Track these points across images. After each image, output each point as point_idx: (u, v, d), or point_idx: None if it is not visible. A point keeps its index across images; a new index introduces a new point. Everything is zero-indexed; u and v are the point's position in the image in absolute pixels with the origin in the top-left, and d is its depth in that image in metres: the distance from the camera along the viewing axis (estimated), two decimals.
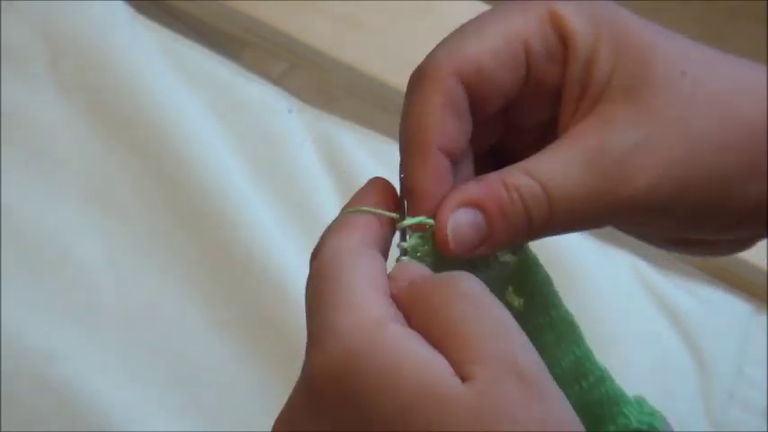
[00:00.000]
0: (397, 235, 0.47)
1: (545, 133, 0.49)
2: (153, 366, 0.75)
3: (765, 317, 0.86)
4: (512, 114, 0.49)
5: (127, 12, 0.87)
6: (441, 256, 0.46)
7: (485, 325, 0.41)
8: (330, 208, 0.83)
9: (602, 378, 0.51)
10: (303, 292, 0.75)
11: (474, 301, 0.41)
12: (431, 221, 0.46)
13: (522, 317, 0.46)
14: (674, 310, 0.84)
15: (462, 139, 0.47)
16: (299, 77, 1.00)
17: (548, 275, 0.51)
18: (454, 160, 0.46)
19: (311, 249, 0.79)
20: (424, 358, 0.40)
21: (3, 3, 0.83)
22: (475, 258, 0.47)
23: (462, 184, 0.46)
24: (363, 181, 0.83)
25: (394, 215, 0.47)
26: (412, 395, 0.38)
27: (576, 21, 0.47)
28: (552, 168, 0.46)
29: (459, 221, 0.45)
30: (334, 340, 0.40)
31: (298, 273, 0.78)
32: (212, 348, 0.76)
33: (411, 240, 0.46)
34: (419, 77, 0.47)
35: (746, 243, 0.52)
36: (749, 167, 0.46)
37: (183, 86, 0.85)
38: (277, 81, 0.96)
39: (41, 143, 0.80)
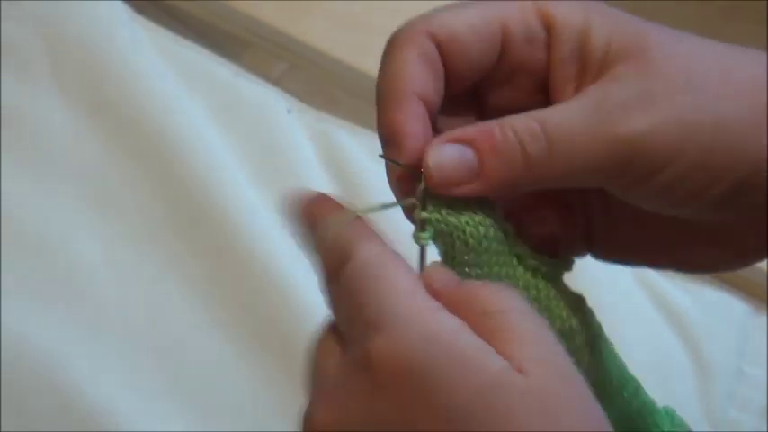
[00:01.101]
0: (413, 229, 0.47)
1: None
2: (153, 366, 0.75)
3: (764, 317, 0.86)
4: (490, 100, 0.49)
5: (127, 12, 0.87)
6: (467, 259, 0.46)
7: (537, 332, 0.42)
8: None
9: (638, 388, 0.51)
10: (303, 291, 0.76)
11: (521, 310, 0.43)
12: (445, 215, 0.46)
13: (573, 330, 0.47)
14: (674, 310, 0.85)
15: (436, 95, 0.46)
16: (298, 78, 1.00)
17: (599, 324, 0.52)
18: (430, 110, 0.46)
19: None
20: (488, 349, 0.40)
21: (3, 3, 0.83)
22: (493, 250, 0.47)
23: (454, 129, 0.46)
24: (363, 181, 0.84)
25: (410, 201, 0.46)
26: (483, 383, 0.39)
27: (562, 9, 0.47)
28: (552, 111, 0.45)
29: (444, 155, 0.45)
30: (402, 327, 0.41)
31: (296, 273, 0.78)
32: (212, 348, 0.76)
33: (427, 233, 0.46)
34: (394, 38, 0.47)
35: (747, 256, 0.51)
36: (755, 125, 0.45)
37: (183, 87, 0.85)
38: (277, 81, 0.96)
39: (41, 143, 0.80)
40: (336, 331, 0.45)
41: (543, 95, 0.48)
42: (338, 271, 0.45)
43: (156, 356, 0.75)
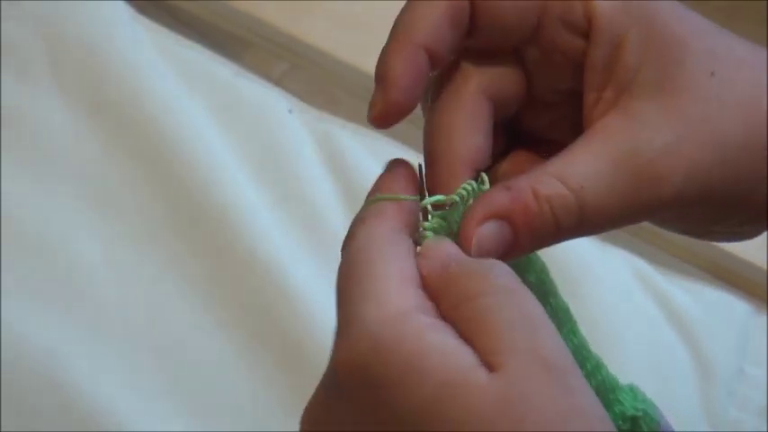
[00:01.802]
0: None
1: (565, 111, 0.49)
2: (153, 366, 0.75)
3: (765, 316, 0.86)
4: (530, 85, 0.49)
5: (128, 12, 0.87)
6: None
7: (515, 316, 0.40)
8: (331, 208, 0.83)
9: (599, 365, 0.51)
10: (303, 291, 0.76)
11: (506, 291, 0.41)
12: (456, 198, 0.46)
13: None
14: (674, 309, 0.84)
15: (449, 48, 0.46)
16: (299, 78, 1.00)
17: (544, 264, 0.51)
18: (436, 64, 0.46)
19: (312, 249, 0.80)
20: (450, 349, 0.39)
21: (3, 3, 0.83)
22: None
23: (491, 191, 0.46)
24: (364, 181, 0.83)
25: (415, 198, 0.46)
26: (437, 386, 0.38)
27: (606, 5, 0.47)
28: (584, 173, 0.45)
29: (484, 235, 0.45)
30: (359, 331, 0.40)
31: (297, 273, 0.78)
32: (212, 348, 0.76)
33: (431, 223, 0.46)
34: None
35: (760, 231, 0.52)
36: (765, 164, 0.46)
37: (184, 87, 0.85)
38: (278, 81, 0.96)
39: (41, 143, 0.80)
40: None
41: (580, 82, 0.48)
42: (342, 249, 0.44)
43: (156, 356, 0.75)
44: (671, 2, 0.48)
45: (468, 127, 0.46)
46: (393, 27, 0.46)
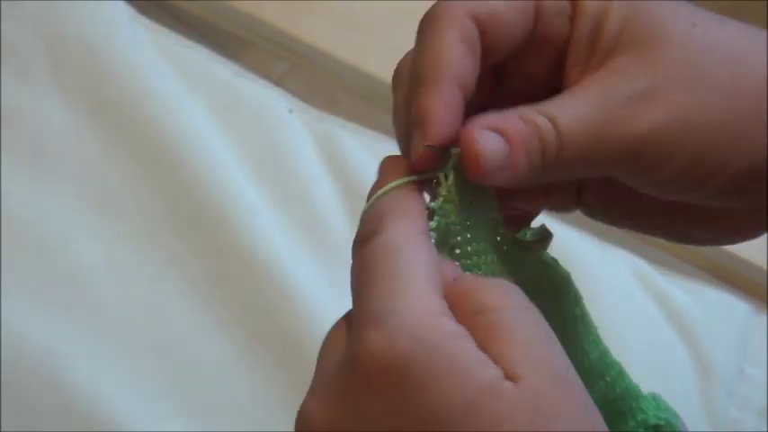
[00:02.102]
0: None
1: (538, 94, 0.49)
2: (153, 366, 0.75)
3: (765, 316, 0.86)
4: (509, 69, 0.49)
5: (128, 12, 0.87)
6: (465, 224, 0.46)
7: (531, 331, 0.41)
8: (331, 207, 0.83)
9: (622, 373, 0.51)
10: (303, 291, 0.76)
11: (521, 307, 0.42)
12: (440, 174, 0.46)
13: (551, 308, 0.46)
14: (674, 309, 0.85)
15: (473, 79, 0.46)
16: (299, 78, 1.00)
17: (569, 272, 0.51)
18: (466, 95, 0.46)
19: (312, 249, 0.80)
20: (480, 357, 0.40)
21: (3, 3, 0.83)
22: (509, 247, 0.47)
23: (479, 115, 0.46)
24: (364, 181, 0.83)
25: (424, 176, 0.46)
26: (475, 392, 0.39)
27: None
28: (562, 107, 0.46)
29: (488, 143, 0.45)
30: (398, 327, 0.40)
31: (297, 273, 0.78)
32: (212, 348, 0.76)
33: (435, 222, 0.46)
34: (433, 16, 0.47)
35: (745, 231, 0.51)
36: (758, 118, 0.46)
37: (184, 87, 0.85)
38: (278, 81, 0.96)
39: (41, 143, 0.80)
40: (347, 319, 0.45)
41: (561, 70, 0.49)
42: (365, 242, 0.44)
43: (156, 356, 0.75)
44: None
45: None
46: (420, 63, 0.46)
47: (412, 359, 0.39)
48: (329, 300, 0.76)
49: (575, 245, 0.85)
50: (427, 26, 0.47)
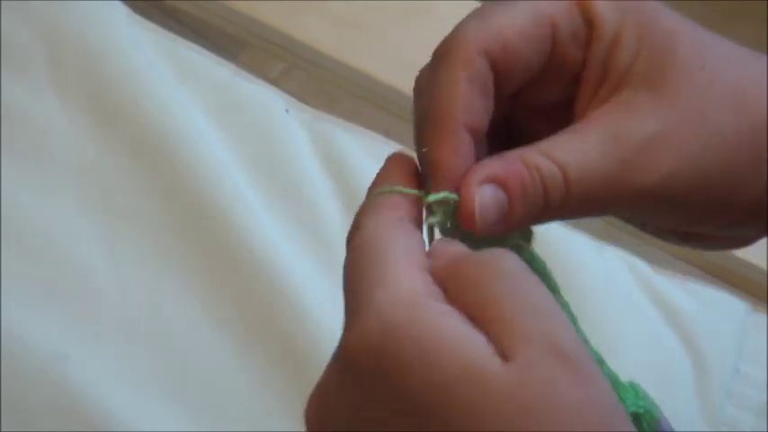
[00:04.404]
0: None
1: (556, 116, 0.49)
2: (153, 366, 0.74)
3: (763, 315, 0.86)
4: (525, 93, 0.49)
5: (125, 12, 0.87)
6: (462, 235, 0.46)
7: (526, 304, 0.40)
8: (328, 207, 0.83)
9: (600, 361, 0.51)
10: (301, 290, 0.76)
11: (515, 280, 0.41)
12: (455, 197, 0.46)
13: None
14: (671, 308, 0.85)
15: (485, 118, 0.47)
16: (297, 77, 1.00)
17: (545, 262, 0.51)
18: (476, 139, 0.46)
19: (310, 249, 0.80)
20: (464, 335, 0.39)
21: (3, 3, 0.83)
22: (492, 239, 0.47)
23: (483, 161, 0.46)
24: (361, 181, 0.84)
25: (421, 193, 0.46)
26: (451, 373, 0.38)
27: (603, 4, 0.47)
28: (570, 151, 0.45)
29: (485, 198, 0.45)
30: (370, 315, 0.40)
31: (296, 272, 0.78)
32: (213, 348, 0.76)
33: (436, 216, 0.46)
34: (446, 51, 0.47)
35: (749, 239, 0.52)
36: (760, 159, 0.46)
37: (181, 87, 0.85)
38: (275, 81, 0.96)
39: (41, 143, 0.80)
40: None
41: (574, 92, 0.48)
42: (348, 242, 0.44)
43: (157, 357, 0.75)
44: (658, 1, 0.48)
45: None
46: (429, 105, 0.46)
47: (383, 345, 0.39)
48: (327, 299, 0.76)
49: (571, 245, 0.85)
50: (440, 60, 0.47)
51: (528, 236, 0.50)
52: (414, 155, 0.48)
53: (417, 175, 0.47)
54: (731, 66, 0.47)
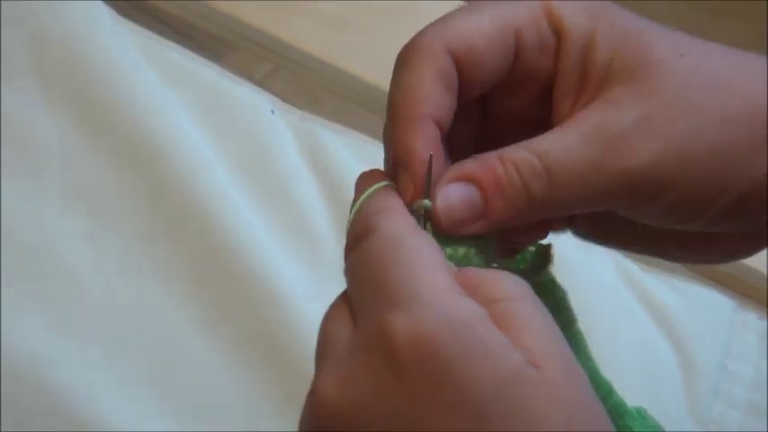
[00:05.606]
0: None
1: (528, 129, 0.49)
2: (140, 367, 0.74)
3: (749, 313, 0.86)
4: (496, 104, 0.49)
5: (109, 14, 0.87)
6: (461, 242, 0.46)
7: (543, 323, 0.41)
8: (314, 207, 0.83)
9: (610, 391, 0.51)
10: (288, 290, 0.76)
11: (530, 299, 0.42)
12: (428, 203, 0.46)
13: None
14: (658, 306, 0.85)
15: (450, 114, 0.47)
16: (282, 78, 1.00)
17: (565, 291, 0.51)
18: (441, 130, 0.46)
19: (297, 249, 0.80)
20: (508, 342, 0.40)
21: None
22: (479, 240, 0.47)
23: (457, 163, 0.46)
24: (347, 181, 0.84)
25: (420, 201, 0.46)
26: (507, 375, 0.39)
27: (571, 13, 0.47)
28: (551, 141, 0.45)
29: (450, 195, 0.45)
30: (424, 309, 0.40)
31: (286, 272, 0.78)
32: (200, 348, 0.76)
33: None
34: (410, 50, 0.47)
35: (739, 252, 0.51)
36: (750, 143, 0.46)
37: (167, 88, 0.85)
38: (260, 82, 0.96)
39: (26, 145, 0.80)
40: (348, 303, 0.44)
41: (548, 104, 0.48)
42: (360, 240, 0.44)
43: (143, 358, 0.75)
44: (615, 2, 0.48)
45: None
46: (395, 99, 0.46)
47: (441, 341, 0.39)
48: (312, 297, 0.76)
49: (558, 244, 0.85)
50: (405, 60, 0.47)
51: (545, 260, 0.50)
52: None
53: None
54: (712, 55, 0.47)
